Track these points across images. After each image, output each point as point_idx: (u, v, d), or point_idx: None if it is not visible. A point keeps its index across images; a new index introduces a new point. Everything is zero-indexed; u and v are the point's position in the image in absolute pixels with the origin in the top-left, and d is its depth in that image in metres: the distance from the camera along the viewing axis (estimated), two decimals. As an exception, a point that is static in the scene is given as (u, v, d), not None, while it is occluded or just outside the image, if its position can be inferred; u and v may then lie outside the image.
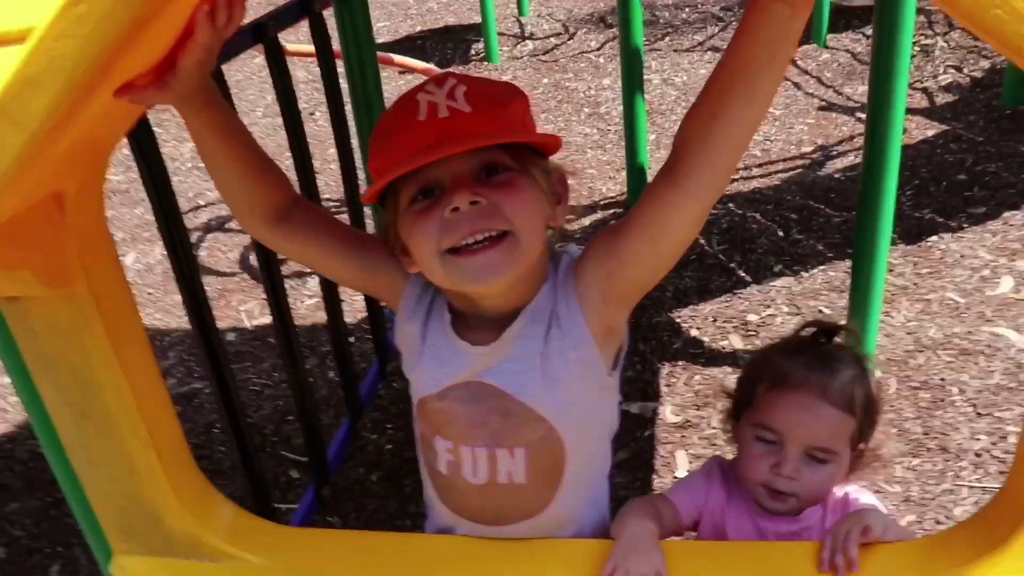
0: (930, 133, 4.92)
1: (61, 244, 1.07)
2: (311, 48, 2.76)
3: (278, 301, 2.33)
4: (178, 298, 4.12)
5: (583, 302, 1.27)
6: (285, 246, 1.39)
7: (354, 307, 3.90)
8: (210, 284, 4.39)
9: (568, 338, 1.28)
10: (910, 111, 5.07)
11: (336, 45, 2.91)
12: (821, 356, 1.53)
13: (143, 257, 4.74)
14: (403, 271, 1.35)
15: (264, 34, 2.22)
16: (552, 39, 7.53)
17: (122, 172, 5.77)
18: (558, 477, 1.36)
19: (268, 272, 2.29)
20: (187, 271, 1.94)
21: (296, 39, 6.21)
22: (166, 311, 4.20)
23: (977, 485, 2.55)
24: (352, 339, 3.64)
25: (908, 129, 4.90)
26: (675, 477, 2.75)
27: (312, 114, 6.14)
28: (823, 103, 5.58)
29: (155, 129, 1.89)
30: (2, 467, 3.25)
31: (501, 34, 7.48)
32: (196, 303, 1.98)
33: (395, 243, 1.28)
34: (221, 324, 4.03)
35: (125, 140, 1.81)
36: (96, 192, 1.15)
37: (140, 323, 1.31)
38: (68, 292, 1.12)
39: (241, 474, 2.29)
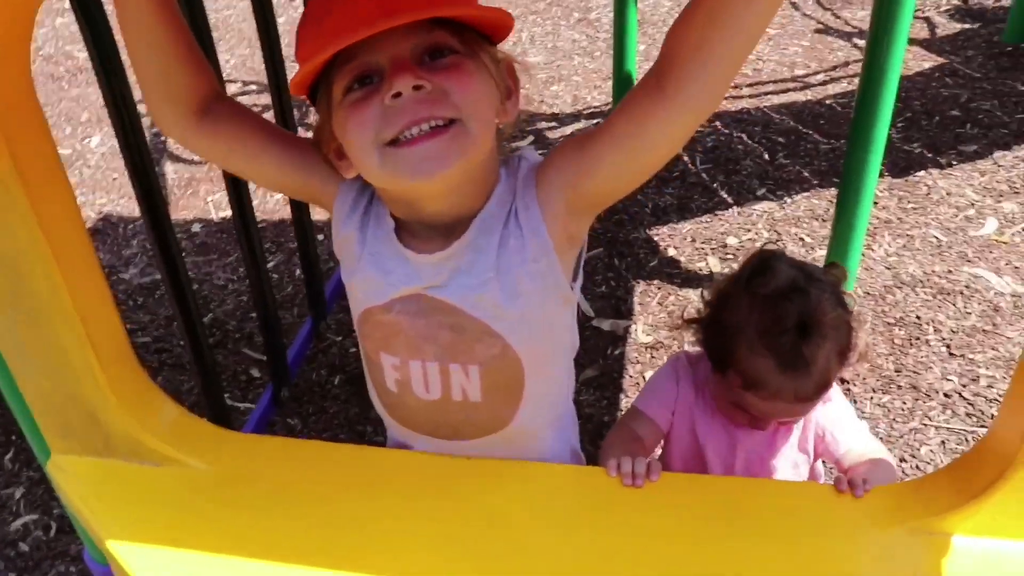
0: (926, 65, 4.79)
1: (-21, 115, 0.96)
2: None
3: (239, 194, 2.21)
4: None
5: (545, 209, 1.15)
6: (206, 146, 1.22)
7: (324, 205, 3.78)
8: (178, 172, 4.25)
9: (527, 248, 1.16)
10: (909, 41, 4.92)
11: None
12: (789, 358, 1.44)
13: (109, 139, 4.57)
14: (337, 176, 1.22)
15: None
16: (546, -62, 7.24)
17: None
18: (516, 396, 1.28)
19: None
20: (137, 157, 1.81)
21: (278, -81, 5.91)
22: (130, 197, 4.05)
23: (944, 426, 2.52)
24: (320, 237, 3.53)
25: (905, 60, 4.75)
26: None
27: (292, 0, 5.89)
28: (820, 26, 5.41)
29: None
30: (-49, 348, 3.15)
31: (494, -70, 7.17)
32: (148, 191, 1.86)
33: (329, 144, 1.15)
34: (186, 215, 3.92)
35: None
36: (22, 57, 1.02)
37: (76, 207, 1.20)
38: (-10, 170, 1.01)
39: (195, 369, 2.21)
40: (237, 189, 2.20)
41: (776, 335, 1.45)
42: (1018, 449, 1.10)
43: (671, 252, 3.36)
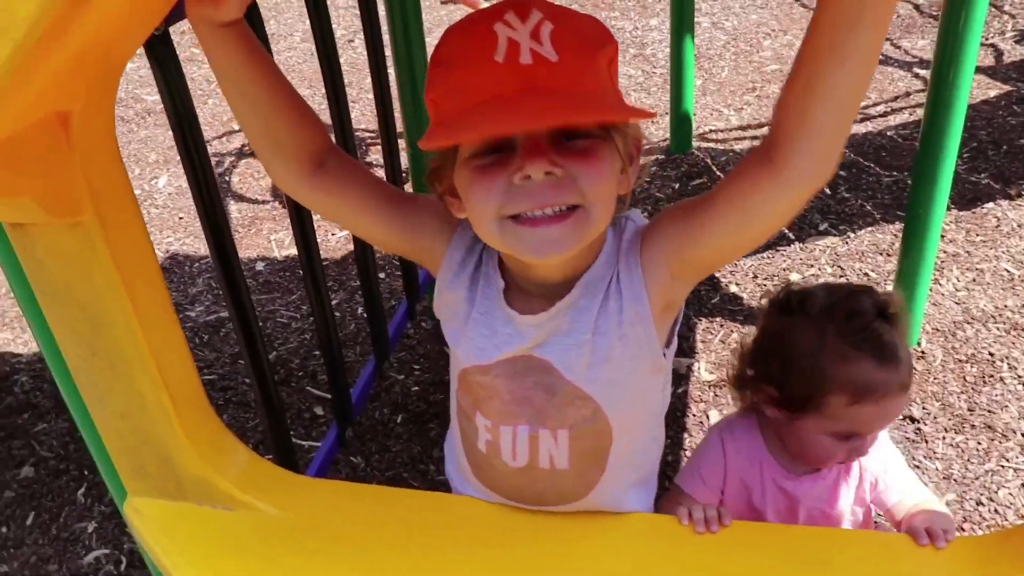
0: (992, 93, 4.70)
1: (66, 169, 0.99)
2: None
3: (304, 232, 2.24)
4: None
5: (648, 275, 1.15)
6: (317, 199, 1.22)
7: (384, 243, 3.82)
8: (241, 211, 4.33)
9: (624, 313, 1.16)
10: (974, 69, 4.85)
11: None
12: (882, 347, 1.43)
13: (175, 180, 4.68)
14: (445, 235, 1.23)
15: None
16: (601, -25, 7.29)
17: (156, 92, 5.69)
18: (602, 462, 1.27)
19: (296, 202, 2.20)
20: (207, 197, 1.85)
21: (338, -37, 6.06)
22: (196, 236, 4.14)
23: (1023, 468, 2.44)
24: (382, 275, 3.57)
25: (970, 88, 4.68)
26: (705, 438, 2.66)
27: (351, 41, 6.00)
28: (880, 56, 5.34)
29: (192, 49, 1.79)
30: (32, 387, 3.24)
31: (548, -32, 7.24)
32: (217, 235, 1.89)
33: (444, 184, 1.13)
34: (250, 253, 3.98)
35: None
36: (106, 113, 1.05)
37: (153, 255, 1.22)
38: (75, 220, 1.04)
39: (261, 408, 2.23)
40: (303, 227, 2.23)
41: (862, 330, 1.44)
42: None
43: (732, 289, 3.33)
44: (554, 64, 0.96)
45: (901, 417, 2.66)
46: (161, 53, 1.66)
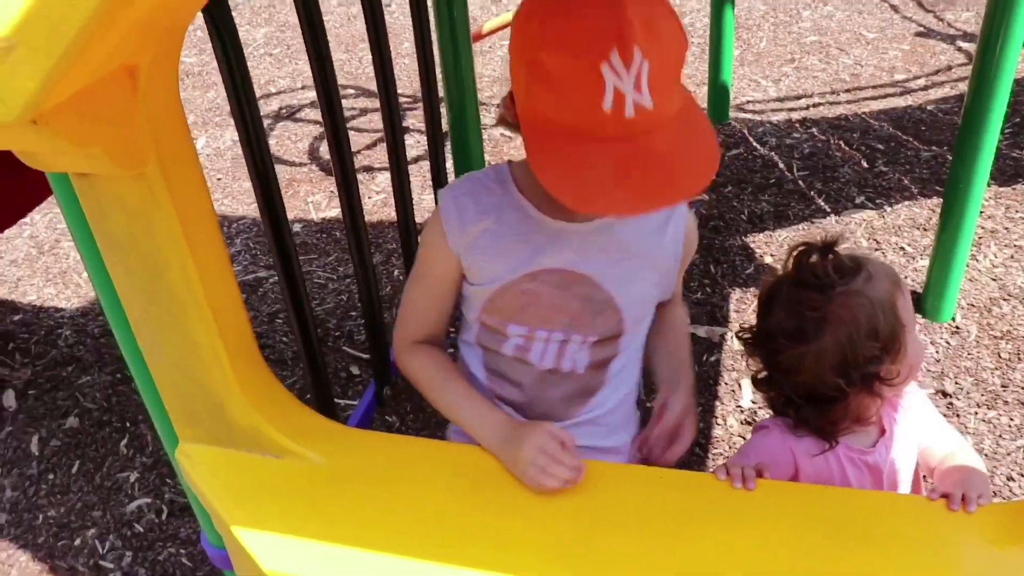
0: (1036, 68, 4.63)
1: (133, 120, 1.02)
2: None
3: (349, 193, 2.27)
4: (246, 184, 4.15)
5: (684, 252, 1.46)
6: None
7: (422, 207, 3.85)
8: (278, 173, 4.36)
9: (666, 252, 1.43)
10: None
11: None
12: (866, 257, 1.47)
13: (213, 141, 4.73)
14: (445, 246, 1.40)
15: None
16: (640, -57, 7.22)
17: (195, 54, 5.73)
18: (604, 371, 1.48)
19: (341, 164, 2.23)
20: (259, 158, 1.89)
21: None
22: (234, 197, 4.20)
23: (1055, 442, 2.45)
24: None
25: (1013, 62, 4.62)
26: (738, 406, 2.69)
27: (387, 5, 6.00)
28: (921, 28, 5.28)
29: (233, 13, 1.82)
30: (75, 341, 3.32)
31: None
32: (267, 191, 1.93)
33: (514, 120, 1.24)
34: (288, 215, 4.02)
35: (200, 22, 1.75)
36: (171, 67, 1.08)
37: (212, 208, 1.26)
38: (139, 172, 1.07)
39: (303, 366, 2.28)
40: (348, 188, 2.26)
41: (851, 263, 1.44)
42: None
43: (768, 259, 3.33)
44: (650, 111, 1.09)
45: (934, 391, 2.66)
46: (218, 14, 1.69)
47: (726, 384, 2.78)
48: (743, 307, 3.09)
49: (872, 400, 1.48)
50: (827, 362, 1.41)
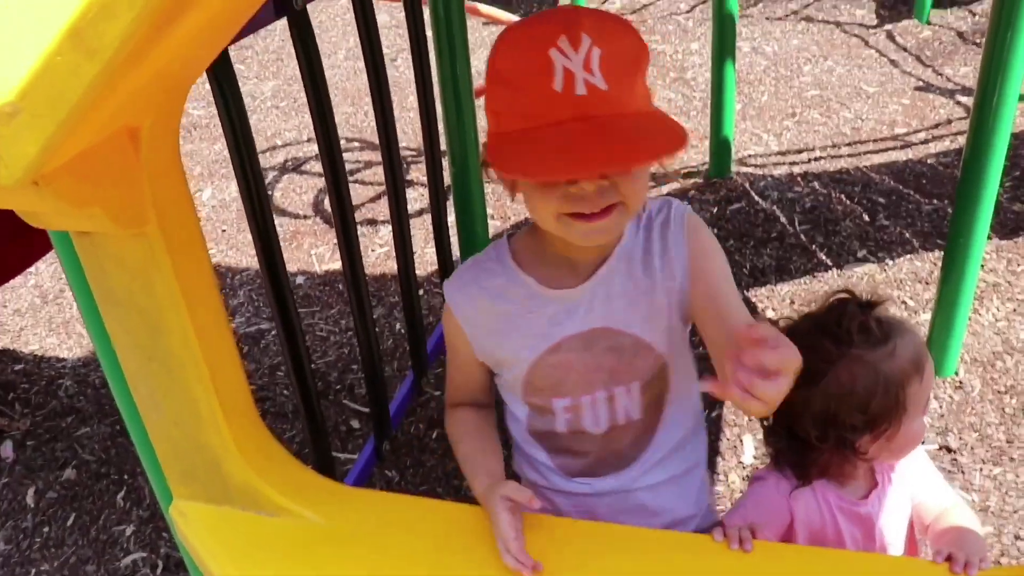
0: (1036, 122, 4.67)
1: (134, 181, 1.03)
2: (400, -6, 2.69)
3: (350, 247, 2.29)
4: (251, 236, 4.14)
5: (689, 269, 1.35)
6: None
7: (425, 260, 3.86)
8: (282, 225, 4.40)
9: (667, 276, 1.35)
10: (1020, 97, 4.81)
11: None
12: (899, 322, 1.48)
13: (219, 193, 4.77)
14: (465, 341, 1.44)
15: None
16: (641, -1, 7.34)
17: (203, 107, 5.80)
18: (661, 405, 1.45)
19: (341, 217, 2.25)
20: (259, 210, 1.90)
21: (383, -17, 6.14)
22: (238, 248, 4.21)
23: (1062, 500, 2.42)
24: (422, 292, 3.61)
25: (1015, 116, 4.65)
26: (740, 462, 2.67)
27: (394, 60, 6.08)
28: (921, 83, 5.33)
29: (237, 66, 1.85)
30: (76, 391, 3.31)
31: (590, -9, 7.31)
32: (267, 243, 1.94)
33: (508, 184, 1.29)
34: (291, 267, 4.04)
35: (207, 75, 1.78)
36: (172, 129, 1.10)
37: (210, 266, 1.27)
38: (139, 231, 1.08)
39: (303, 419, 2.28)
40: (348, 241, 2.27)
41: (878, 327, 1.44)
42: None
43: (769, 314, 3.33)
44: (605, 92, 1.10)
45: (937, 447, 2.64)
46: (220, 69, 1.71)
47: (727, 439, 2.76)
48: (745, 361, 3.08)
49: (847, 461, 1.48)
50: (810, 410, 1.44)
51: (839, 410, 1.43)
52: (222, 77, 1.73)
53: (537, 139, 1.11)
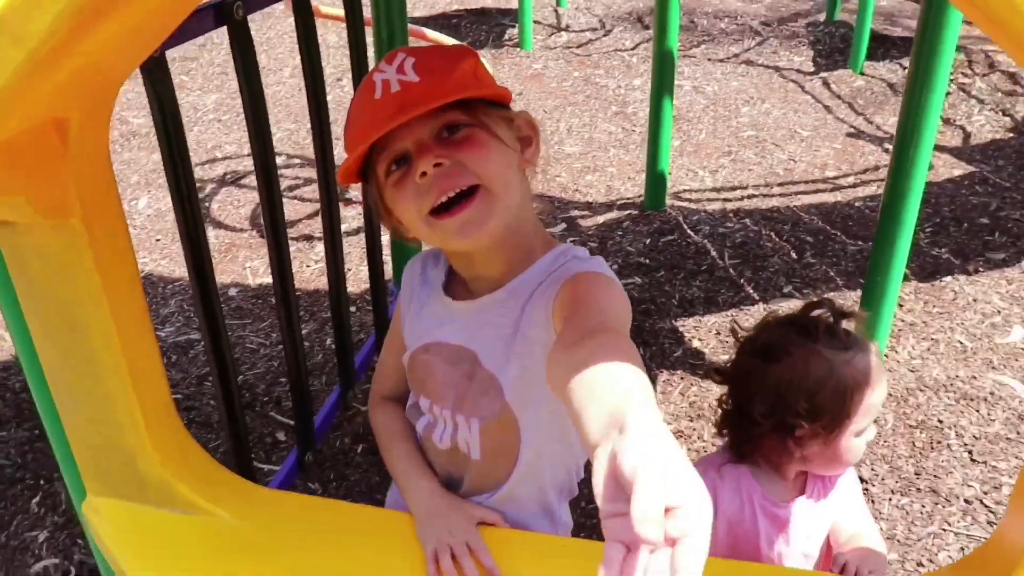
0: (957, 173, 4.86)
1: (60, 173, 1.04)
2: (342, 13, 2.73)
3: (281, 261, 2.30)
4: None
5: (554, 316, 1.23)
6: None
7: (358, 277, 3.87)
8: (218, 238, 4.37)
9: (544, 326, 1.25)
10: (940, 148, 5.02)
11: (368, 12, 2.87)
12: (861, 338, 1.56)
13: (155, 202, 4.73)
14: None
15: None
16: (587, 33, 7.47)
17: (144, 115, 5.75)
18: (511, 460, 1.38)
19: (274, 231, 2.26)
20: (191, 221, 1.91)
21: (332, 2, 6.17)
22: (171, 258, 4.18)
23: (964, 532, 2.51)
24: (353, 309, 3.61)
25: (936, 166, 4.85)
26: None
27: (339, 80, 6.11)
28: (852, 130, 5.52)
29: (181, 78, 1.86)
30: (-8, 395, 3.24)
31: (537, 22, 7.43)
32: (197, 254, 1.95)
33: (387, 216, 1.31)
34: (224, 279, 4.02)
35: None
36: (102, 124, 1.11)
37: (135, 265, 1.27)
38: (62, 223, 1.09)
39: (225, 428, 2.27)
40: (280, 255, 2.28)
41: (845, 333, 1.54)
42: (1023, 554, 1.13)
43: (695, 344, 3.40)
44: (417, 84, 1.16)
45: (850, 477, 2.73)
46: (157, 76, 1.72)
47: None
48: (669, 389, 3.15)
49: (784, 450, 1.55)
50: (763, 387, 1.54)
51: (788, 391, 1.52)
52: (157, 80, 1.74)
53: (363, 138, 1.19)
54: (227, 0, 1.96)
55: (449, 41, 5.07)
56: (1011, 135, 5.34)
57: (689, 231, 4.27)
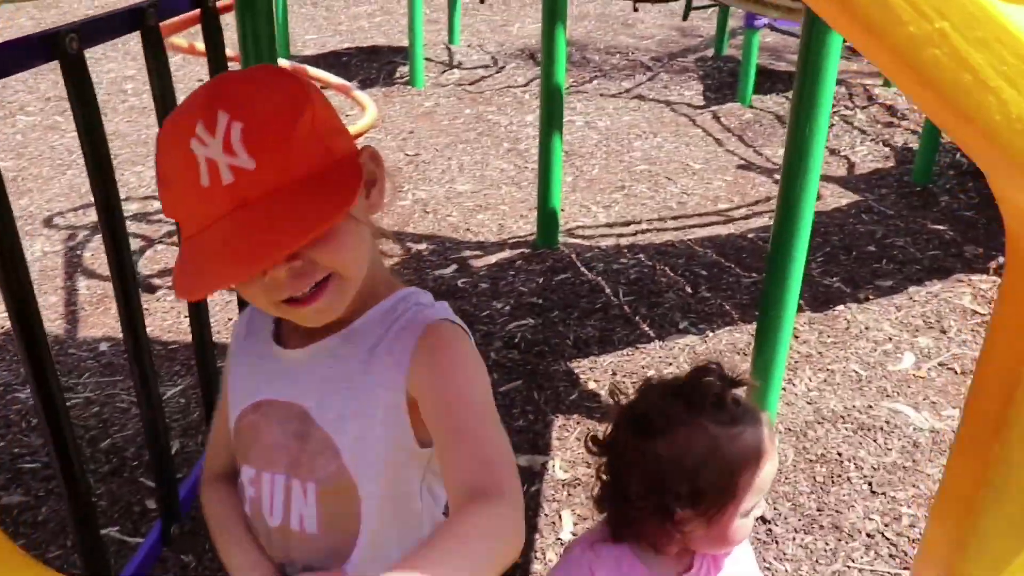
0: (844, 202, 4.94)
1: None
2: (200, 46, 2.56)
3: (131, 316, 2.10)
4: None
5: (411, 384, 1.15)
6: None
7: (229, 326, 3.66)
8: (90, 288, 4.12)
9: (384, 383, 1.16)
10: (827, 178, 5.09)
11: (232, 50, 2.71)
12: (755, 409, 1.43)
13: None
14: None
15: (142, 21, 2.00)
16: (480, 70, 7.44)
17: (12, 159, 5.42)
18: (353, 533, 1.21)
19: (122, 285, 2.06)
20: (9, 260, 1.70)
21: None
22: (34, 314, 3.89)
23: (868, 568, 2.45)
24: (220, 363, 3.40)
25: (823, 196, 4.91)
26: (559, 539, 2.58)
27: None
28: (743, 162, 5.58)
29: (55, 118, 1.67)
30: None
31: (428, 60, 7.36)
32: (20, 300, 1.73)
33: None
34: (95, 332, 3.76)
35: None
36: None
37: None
38: None
39: (67, 501, 2.02)
40: (129, 311, 2.08)
41: (734, 405, 1.40)
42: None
43: (591, 385, 3.30)
44: (253, 172, 0.99)
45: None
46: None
47: (546, 516, 2.68)
48: (565, 434, 3.03)
49: (664, 533, 1.42)
50: (641, 465, 1.40)
51: (667, 474, 1.37)
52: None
53: (197, 247, 1.03)
54: (61, 31, 1.78)
55: (335, 80, 4.92)
56: (891, 164, 5.47)
57: (583, 268, 4.19)
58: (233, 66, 2.66)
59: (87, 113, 1.85)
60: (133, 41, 1.91)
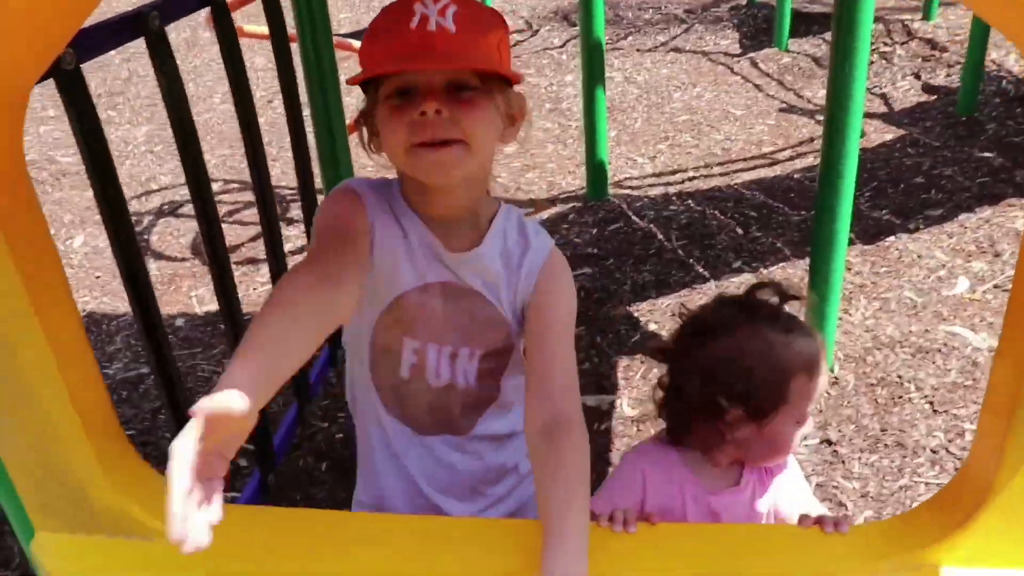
0: (888, 137, 4.95)
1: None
2: (266, 30, 2.68)
3: (225, 287, 2.24)
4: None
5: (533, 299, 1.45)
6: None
7: (307, 295, 3.80)
8: (161, 269, 4.28)
9: (521, 288, 1.45)
10: (868, 116, 5.09)
11: (292, 29, 2.83)
12: (804, 323, 1.50)
13: (92, 240, 4.62)
14: (361, 216, 1.38)
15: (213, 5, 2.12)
16: (515, 35, 7.48)
17: (73, 154, 5.62)
18: (497, 383, 1.53)
19: (215, 257, 2.20)
20: (128, 257, 1.84)
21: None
22: (114, 294, 4.07)
23: (934, 482, 2.53)
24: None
25: (867, 133, 4.92)
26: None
27: (270, 102, 6.03)
28: (784, 105, 5.59)
29: (109, 112, 1.80)
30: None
31: (465, 29, 7.42)
32: (137, 290, 1.88)
33: (371, 127, 1.38)
34: (170, 310, 3.93)
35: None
36: (13, 135, 1.06)
37: (63, 278, 1.21)
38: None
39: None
40: (224, 282, 2.22)
41: (788, 316, 1.48)
42: (994, 477, 1.12)
43: (652, 327, 3.40)
44: (451, 34, 1.23)
45: (818, 440, 2.74)
46: (80, 109, 1.66)
47: (618, 451, 2.79)
48: (630, 374, 3.13)
49: (716, 434, 1.50)
50: (700, 365, 1.48)
51: (722, 372, 1.45)
52: (84, 118, 1.67)
53: (386, 62, 1.26)
54: (142, 11, 1.90)
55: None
56: (934, 98, 5.45)
57: (634, 217, 4.27)
58: (293, 46, 2.77)
59: (173, 88, 1.97)
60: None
